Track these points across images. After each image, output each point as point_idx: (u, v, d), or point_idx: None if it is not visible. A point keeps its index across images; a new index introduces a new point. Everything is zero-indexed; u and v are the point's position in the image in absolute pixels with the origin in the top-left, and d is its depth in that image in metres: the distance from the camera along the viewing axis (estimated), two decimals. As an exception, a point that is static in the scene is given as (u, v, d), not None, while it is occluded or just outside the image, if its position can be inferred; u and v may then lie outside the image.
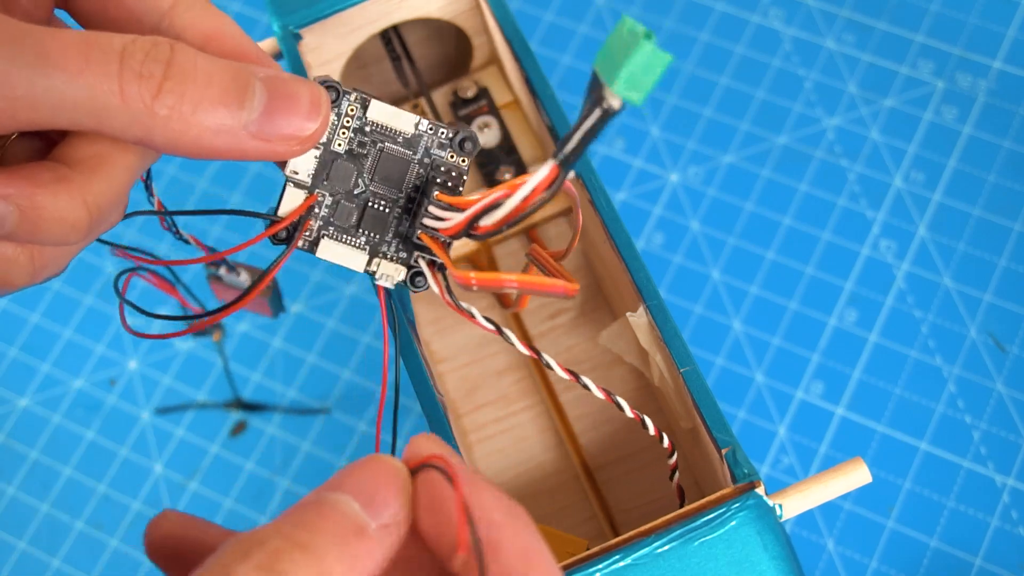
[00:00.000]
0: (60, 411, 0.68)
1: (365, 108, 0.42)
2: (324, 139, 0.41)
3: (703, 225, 0.69)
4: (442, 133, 0.42)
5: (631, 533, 0.43)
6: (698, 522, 0.43)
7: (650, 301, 0.48)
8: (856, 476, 0.44)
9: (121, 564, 0.64)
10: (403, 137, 0.42)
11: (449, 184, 0.41)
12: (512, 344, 0.42)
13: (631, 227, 0.69)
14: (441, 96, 0.60)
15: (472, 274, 0.38)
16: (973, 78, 0.72)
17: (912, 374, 0.65)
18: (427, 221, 0.41)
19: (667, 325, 0.48)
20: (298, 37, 0.54)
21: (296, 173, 0.41)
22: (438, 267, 0.42)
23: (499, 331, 0.42)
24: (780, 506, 0.44)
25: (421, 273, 0.42)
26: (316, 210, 0.41)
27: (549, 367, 0.43)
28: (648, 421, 0.44)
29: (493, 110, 0.58)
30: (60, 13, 0.38)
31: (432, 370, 0.50)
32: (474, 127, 0.57)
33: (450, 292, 0.42)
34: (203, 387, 0.67)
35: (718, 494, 0.44)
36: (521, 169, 0.57)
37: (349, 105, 0.41)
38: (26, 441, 0.67)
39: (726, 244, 0.69)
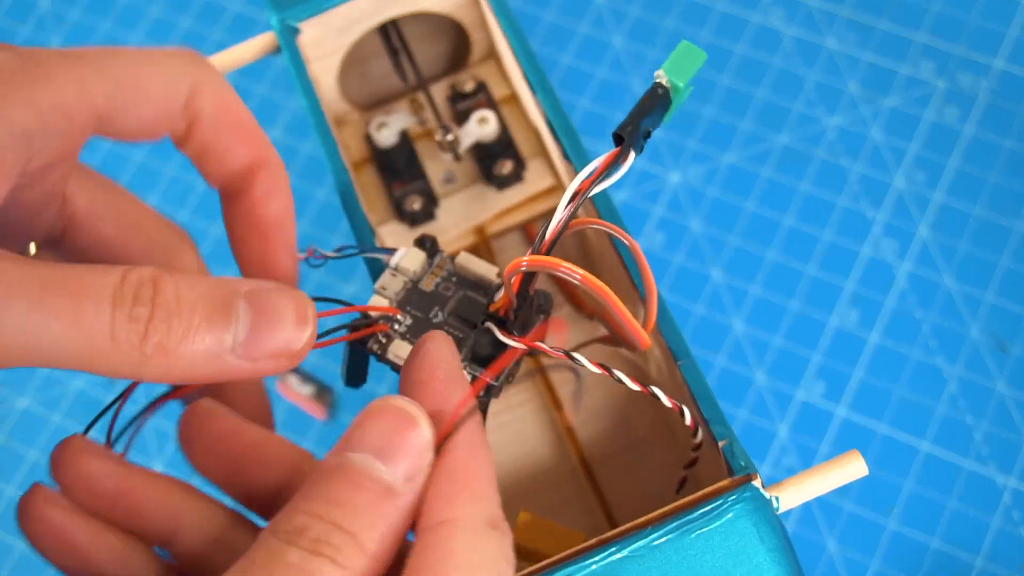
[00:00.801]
0: (60, 411, 0.68)
1: (453, 258, 0.46)
2: (413, 278, 0.46)
3: (704, 225, 0.69)
4: None
5: (628, 525, 0.43)
6: (695, 514, 0.43)
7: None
8: (852, 468, 0.44)
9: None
10: (483, 289, 0.46)
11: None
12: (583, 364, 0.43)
13: (632, 227, 0.69)
14: (440, 90, 0.60)
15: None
16: (974, 78, 0.72)
17: (913, 374, 0.65)
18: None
19: (665, 319, 0.48)
20: (296, 31, 0.54)
21: (384, 289, 0.45)
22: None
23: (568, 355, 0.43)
24: (777, 498, 0.44)
25: (486, 384, 0.44)
26: (396, 326, 0.45)
27: (580, 363, 0.43)
28: (686, 411, 0.44)
29: (491, 104, 0.58)
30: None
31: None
32: (472, 121, 0.56)
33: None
34: (203, 387, 0.67)
35: (715, 486, 0.44)
36: (519, 163, 0.56)
37: (440, 259, 0.46)
38: (26, 441, 0.67)
39: (727, 244, 0.68)
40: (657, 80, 0.40)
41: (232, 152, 0.38)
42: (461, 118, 0.58)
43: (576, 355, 0.43)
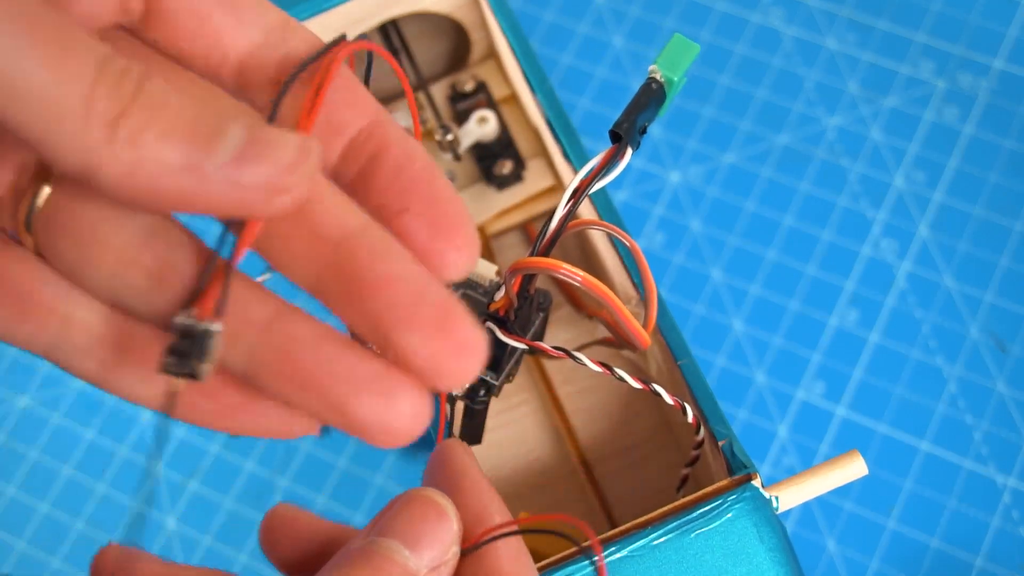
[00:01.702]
0: (60, 411, 0.68)
1: None
2: None
3: (704, 225, 0.69)
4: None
5: (627, 525, 0.43)
6: (694, 514, 0.43)
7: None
8: (852, 468, 0.44)
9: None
10: (483, 288, 0.46)
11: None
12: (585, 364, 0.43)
13: (632, 226, 0.69)
14: (440, 90, 0.60)
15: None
16: (974, 78, 0.72)
17: (913, 374, 0.65)
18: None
19: (664, 318, 0.48)
20: (296, 31, 0.54)
21: None
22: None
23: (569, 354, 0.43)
24: (776, 498, 0.44)
25: (486, 383, 0.44)
26: None
27: (582, 363, 0.43)
28: (688, 409, 0.44)
29: (491, 104, 0.59)
30: None
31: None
32: (472, 121, 0.57)
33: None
34: (203, 387, 0.67)
35: (715, 486, 0.44)
36: (519, 163, 0.57)
37: None
38: (26, 441, 0.67)
39: (727, 244, 0.68)
40: (651, 75, 0.40)
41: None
42: (461, 118, 0.58)
43: (577, 354, 0.43)
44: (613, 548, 0.42)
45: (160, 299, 0.30)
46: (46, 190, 0.31)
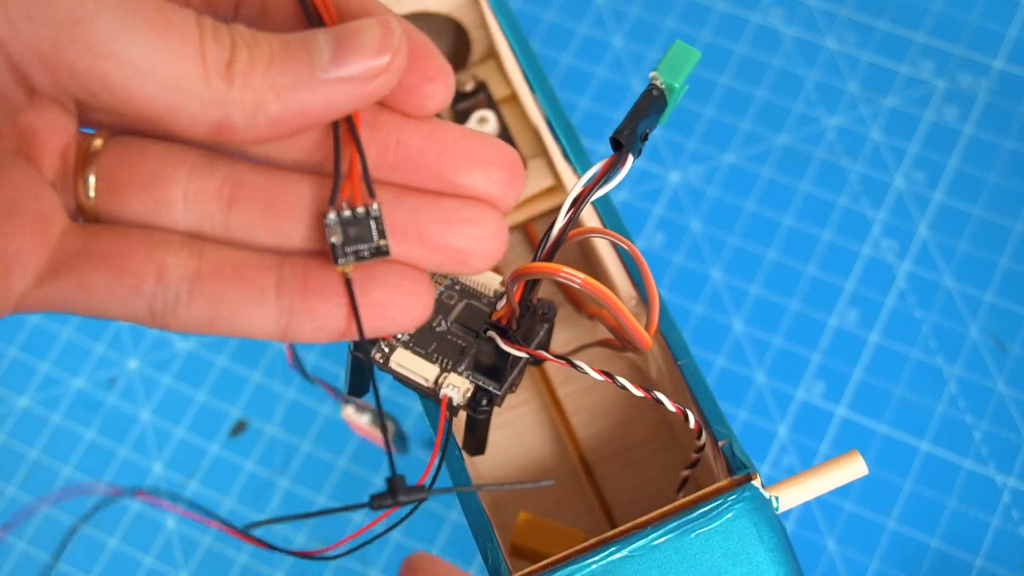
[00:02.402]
0: (60, 411, 0.68)
1: None
2: None
3: (704, 225, 0.69)
4: None
5: (627, 525, 0.43)
6: (694, 514, 0.43)
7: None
8: (852, 468, 0.44)
9: (121, 564, 0.64)
10: (487, 298, 0.46)
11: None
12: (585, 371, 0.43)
13: (632, 227, 0.69)
14: (439, 91, 0.60)
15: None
16: (974, 77, 0.72)
17: (913, 374, 0.65)
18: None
19: (664, 318, 0.48)
20: (296, 31, 0.54)
21: None
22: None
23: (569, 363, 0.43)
24: (776, 498, 0.44)
25: (488, 392, 0.44)
26: (399, 335, 0.45)
27: (584, 371, 0.43)
28: (690, 415, 0.44)
29: (491, 104, 0.59)
30: None
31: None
32: (472, 121, 0.57)
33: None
34: (203, 387, 0.67)
35: (714, 486, 0.44)
36: (519, 164, 0.57)
37: None
38: (26, 441, 0.67)
39: (727, 244, 0.68)
40: (652, 81, 0.40)
41: None
42: (461, 118, 0.58)
43: (579, 363, 0.43)
44: (613, 548, 0.42)
45: (236, 219, 0.32)
46: (97, 144, 0.33)
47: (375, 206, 0.31)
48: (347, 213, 0.31)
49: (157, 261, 0.32)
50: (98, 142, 0.33)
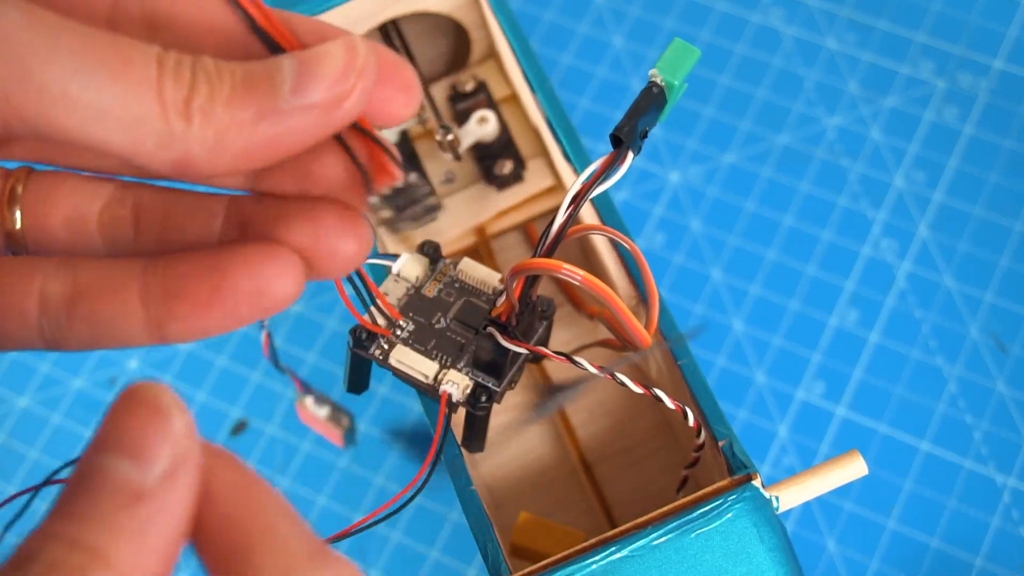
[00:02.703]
0: (60, 411, 0.68)
1: (456, 264, 0.46)
2: (416, 284, 0.46)
3: (704, 225, 0.69)
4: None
5: (627, 525, 0.43)
6: (694, 514, 0.43)
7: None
8: (852, 468, 0.44)
9: (119, 562, 0.64)
10: (486, 296, 0.46)
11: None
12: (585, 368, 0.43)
13: (632, 227, 0.69)
14: (440, 90, 0.60)
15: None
16: (974, 78, 0.72)
17: (913, 374, 0.65)
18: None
19: (664, 318, 0.48)
20: (296, 31, 0.54)
21: (387, 295, 0.46)
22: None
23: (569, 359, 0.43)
24: (776, 498, 0.44)
25: (487, 389, 0.44)
26: (398, 332, 0.45)
27: (583, 368, 0.43)
28: (689, 413, 0.44)
29: (492, 104, 0.59)
30: None
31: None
32: (472, 121, 0.57)
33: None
34: (203, 387, 0.67)
35: (715, 486, 0.44)
36: (519, 163, 0.57)
37: (443, 265, 0.46)
38: (26, 441, 0.67)
39: (727, 244, 0.68)
40: (652, 79, 0.40)
41: None
42: (461, 118, 0.58)
43: (578, 358, 0.43)
44: (613, 548, 0.42)
45: (142, 242, 0.33)
46: (19, 181, 0.33)
47: (412, 176, 0.32)
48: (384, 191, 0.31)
49: (36, 291, 0.31)
50: (19, 180, 0.33)
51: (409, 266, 0.46)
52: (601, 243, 0.54)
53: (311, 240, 0.31)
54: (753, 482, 0.43)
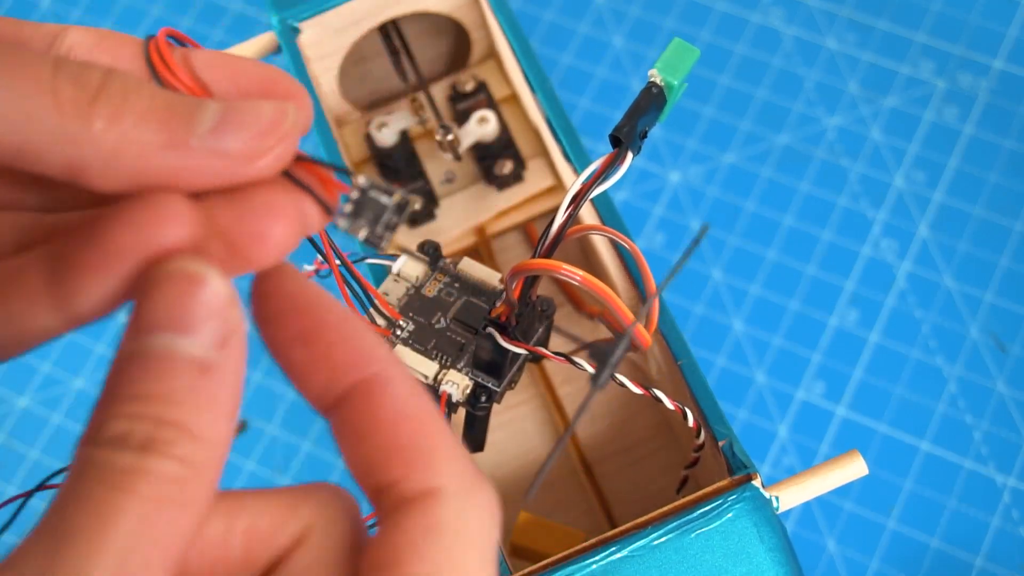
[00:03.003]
0: (60, 411, 0.68)
1: (455, 264, 0.46)
2: (416, 284, 0.46)
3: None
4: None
5: (628, 525, 0.43)
6: (695, 514, 0.43)
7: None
8: (852, 468, 0.44)
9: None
10: (486, 296, 0.46)
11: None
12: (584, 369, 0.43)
13: (632, 227, 0.69)
14: (440, 90, 0.60)
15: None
16: (974, 77, 0.72)
17: (913, 374, 0.65)
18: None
19: (664, 317, 0.48)
20: (296, 31, 0.54)
21: (387, 294, 0.45)
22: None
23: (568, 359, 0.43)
24: (776, 498, 0.44)
25: (487, 389, 0.44)
26: (398, 332, 0.45)
27: (583, 368, 0.43)
28: (689, 413, 0.44)
29: (492, 104, 0.58)
30: None
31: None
32: (472, 121, 0.56)
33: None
34: (203, 387, 0.67)
35: (715, 486, 0.44)
36: (519, 163, 0.56)
37: (443, 265, 0.46)
38: (26, 441, 0.67)
39: (727, 244, 0.68)
40: (651, 79, 0.40)
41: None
42: (461, 118, 0.58)
43: (578, 360, 0.43)
44: (613, 548, 0.42)
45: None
46: None
47: (361, 179, 0.29)
48: (347, 208, 0.29)
49: None
50: None
51: (409, 266, 0.46)
52: (601, 243, 0.54)
53: (234, 219, 0.28)
54: (753, 482, 0.43)
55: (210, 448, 0.25)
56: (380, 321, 0.45)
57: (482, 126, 0.57)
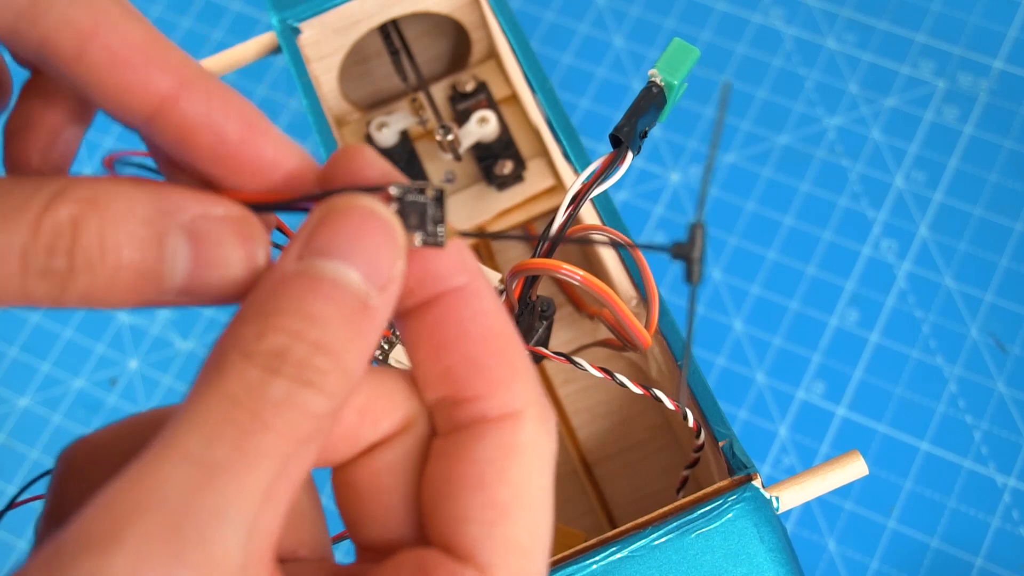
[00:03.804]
0: (60, 411, 0.68)
1: None
2: None
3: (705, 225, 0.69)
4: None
5: (628, 525, 0.43)
6: (695, 514, 0.43)
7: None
8: (853, 468, 0.44)
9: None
10: None
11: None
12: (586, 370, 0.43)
13: (632, 226, 0.69)
14: (440, 90, 0.60)
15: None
16: (974, 78, 0.72)
17: (913, 374, 0.65)
18: None
19: (664, 318, 0.48)
20: (297, 31, 0.54)
21: None
22: None
23: (568, 359, 0.43)
24: (777, 499, 0.44)
25: None
26: (397, 333, 0.44)
27: (583, 368, 0.43)
28: (689, 413, 0.44)
29: (492, 104, 0.58)
30: None
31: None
32: (472, 121, 0.56)
33: None
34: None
35: (715, 486, 0.44)
36: (520, 163, 0.56)
37: None
38: (26, 441, 0.67)
39: (727, 244, 0.68)
40: (651, 79, 0.40)
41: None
42: (461, 118, 0.58)
43: (578, 359, 0.43)
44: (614, 548, 0.42)
45: None
46: None
47: (392, 189, 0.27)
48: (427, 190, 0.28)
49: None
50: None
51: None
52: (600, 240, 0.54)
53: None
54: (753, 482, 0.43)
55: (351, 385, 0.25)
56: None
57: (482, 126, 0.57)
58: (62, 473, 0.29)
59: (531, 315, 0.44)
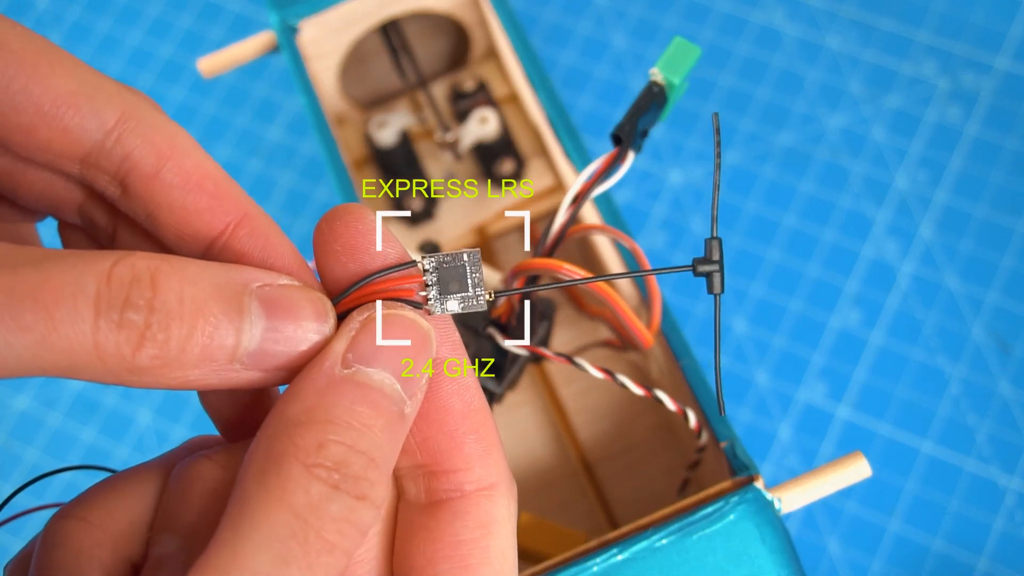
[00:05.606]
0: (60, 411, 0.67)
1: None
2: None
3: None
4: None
5: (629, 527, 0.43)
6: (696, 516, 0.43)
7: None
8: (856, 470, 0.44)
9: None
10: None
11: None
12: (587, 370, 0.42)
13: (633, 226, 0.69)
14: (440, 89, 0.59)
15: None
16: (977, 77, 0.72)
17: (915, 374, 0.65)
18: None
19: (666, 319, 0.48)
20: (296, 30, 0.53)
21: None
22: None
23: (569, 360, 0.43)
24: (779, 500, 0.44)
25: (488, 391, 0.44)
26: None
27: (584, 368, 0.42)
28: (690, 414, 0.44)
29: (492, 103, 0.58)
30: None
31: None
32: (473, 120, 0.56)
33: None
34: (203, 387, 0.67)
35: (717, 488, 0.44)
36: (520, 163, 0.56)
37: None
38: (26, 441, 0.67)
39: (728, 244, 0.68)
40: (652, 78, 0.40)
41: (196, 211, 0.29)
42: (461, 117, 0.58)
43: (579, 360, 0.42)
44: (615, 549, 0.42)
45: None
46: None
47: (426, 262, 0.29)
48: (431, 293, 0.29)
49: None
50: None
51: None
52: (602, 244, 0.54)
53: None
54: (755, 484, 0.43)
55: (388, 489, 0.27)
56: None
57: (482, 126, 0.56)
58: (48, 548, 0.28)
59: (532, 315, 0.44)
